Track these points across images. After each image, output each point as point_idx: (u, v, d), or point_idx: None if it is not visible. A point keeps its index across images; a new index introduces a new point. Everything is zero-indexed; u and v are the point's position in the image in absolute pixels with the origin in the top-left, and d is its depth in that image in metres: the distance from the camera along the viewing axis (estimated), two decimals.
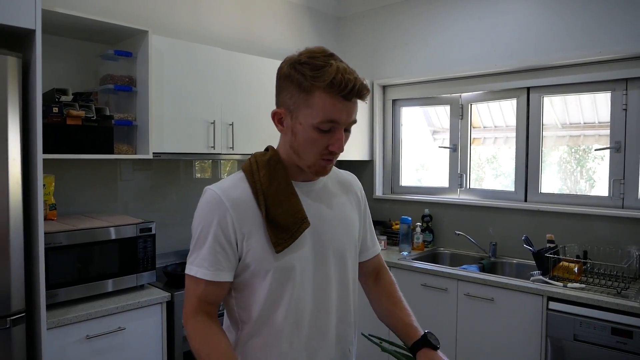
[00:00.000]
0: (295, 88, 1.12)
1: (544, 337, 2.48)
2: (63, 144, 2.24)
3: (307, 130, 1.12)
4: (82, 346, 2.08)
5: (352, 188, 1.38)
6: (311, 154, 1.15)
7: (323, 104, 1.09)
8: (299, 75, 1.10)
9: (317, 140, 1.13)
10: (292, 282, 1.17)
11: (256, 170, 1.20)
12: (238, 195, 1.17)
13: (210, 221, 1.15)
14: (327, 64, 1.09)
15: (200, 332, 1.13)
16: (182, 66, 2.66)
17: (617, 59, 2.79)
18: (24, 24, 1.82)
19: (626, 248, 2.69)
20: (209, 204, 1.17)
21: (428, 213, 3.60)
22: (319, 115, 1.10)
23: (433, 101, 3.78)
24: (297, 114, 1.13)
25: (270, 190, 1.17)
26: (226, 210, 1.14)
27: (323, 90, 1.08)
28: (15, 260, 1.81)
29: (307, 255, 1.20)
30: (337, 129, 1.12)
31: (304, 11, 3.86)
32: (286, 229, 1.15)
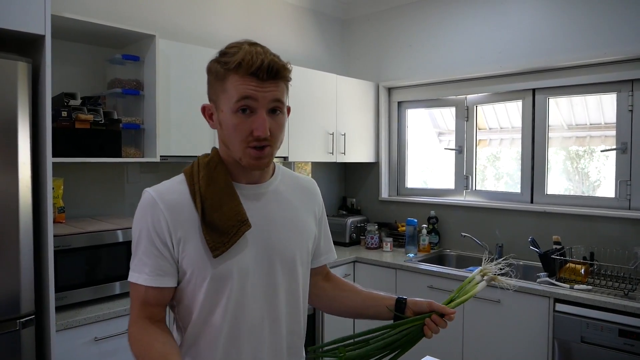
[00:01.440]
0: (214, 79, 1.12)
1: (551, 339, 2.48)
2: (72, 148, 2.26)
3: (229, 116, 1.08)
4: (91, 348, 2.09)
5: (311, 194, 1.31)
6: (237, 142, 1.08)
7: (235, 84, 1.06)
8: (216, 64, 1.11)
9: (239, 125, 1.07)
10: (229, 289, 1.09)
11: (196, 172, 1.14)
12: (175, 197, 1.11)
13: (146, 224, 1.09)
14: (240, 49, 1.08)
15: (137, 337, 1.08)
16: (189, 70, 2.67)
17: (623, 60, 2.79)
18: (33, 29, 1.84)
19: (633, 249, 2.69)
20: (144, 206, 1.10)
21: (434, 215, 3.60)
22: (233, 96, 1.06)
23: (438, 103, 3.78)
24: (219, 103, 1.11)
25: (208, 192, 1.11)
26: (160, 212, 1.08)
27: (234, 72, 1.06)
28: (25, 263, 1.83)
29: (249, 261, 1.11)
30: (257, 109, 1.06)
31: (309, 14, 3.88)
32: (224, 232, 1.08)
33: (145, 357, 1.03)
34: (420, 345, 1.24)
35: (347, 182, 4.21)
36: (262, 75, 1.05)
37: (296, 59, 3.73)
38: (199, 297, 1.10)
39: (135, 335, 1.08)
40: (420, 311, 1.25)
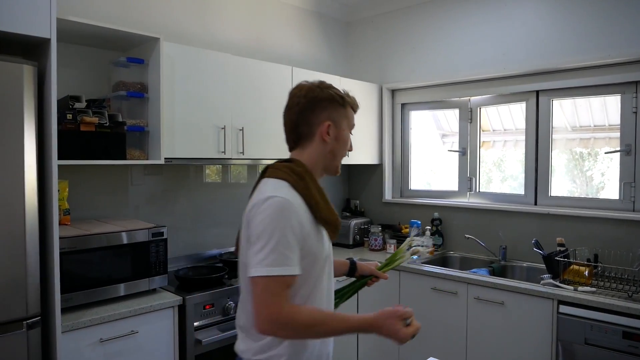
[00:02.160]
0: (339, 106, 1.50)
1: (554, 340, 2.47)
2: (77, 150, 2.27)
3: (346, 134, 1.54)
4: (96, 349, 2.11)
5: None
6: (343, 154, 1.55)
7: (352, 115, 1.56)
8: (340, 98, 1.50)
9: (347, 142, 1.55)
10: (327, 265, 1.46)
11: (298, 180, 1.41)
12: (296, 200, 1.36)
13: (289, 224, 1.31)
14: (347, 94, 1.54)
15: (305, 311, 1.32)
16: (193, 72, 2.69)
17: (627, 61, 2.79)
18: (39, 33, 1.86)
19: (637, 251, 2.68)
20: (282, 208, 1.31)
21: (437, 217, 3.60)
22: (352, 121, 1.56)
23: (442, 105, 3.78)
24: (341, 124, 1.51)
25: (317, 197, 1.41)
26: (295, 212, 1.33)
27: (350, 106, 1.54)
28: (31, 265, 1.85)
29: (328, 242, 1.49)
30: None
31: (312, 16, 3.89)
32: (332, 223, 1.44)
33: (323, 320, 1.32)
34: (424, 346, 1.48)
35: (351, 183, 4.21)
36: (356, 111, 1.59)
37: (300, 61, 3.74)
38: (312, 273, 1.39)
39: (301, 313, 1.30)
40: (364, 273, 1.78)
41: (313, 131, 1.47)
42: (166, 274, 2.49)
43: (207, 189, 3.24)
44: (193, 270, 2.78)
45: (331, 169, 1.53)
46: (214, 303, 2.50)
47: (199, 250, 3.16)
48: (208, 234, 3.22)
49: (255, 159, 3.03)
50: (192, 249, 3.12)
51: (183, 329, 2.39)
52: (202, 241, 3.19)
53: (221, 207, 3.30)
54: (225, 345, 2.52)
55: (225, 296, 2.55)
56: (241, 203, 3.49)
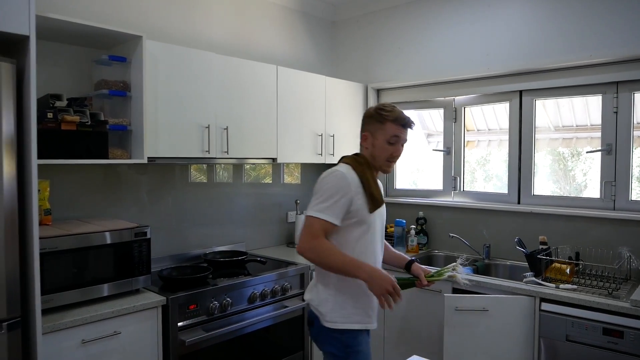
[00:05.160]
0: (375, 121, 2.01)
1: (536, 337, 2.50)
2: (58, 149, 2.24)
3: (382, 143, 1.98)
4: (78, 351, 2.08)
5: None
6: (383, 158, 2.00)
7: (391, 128, 1.97)
8: (378, 115, 2.01)
9: (387, 149, 1.98)
10: (372, 229, 1.97)
11: (357, 165, 1.96)
12: (352, 176, 1.92)
13: (340, 187, 1.87)
14: (394, 109, 2.01)
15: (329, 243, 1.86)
16: (177, 71, 2.67)
17: (608, 62, 2.83)
18: (17, 30, 1.83)
19: (617, 249, 2.72)
20: (342, 178, 1.89)
21: (422, 216, 3.62)
22: (389, 133, 1.97)
23: (427, 104, 3.80)
24: (376, 135, 2.00)
25: (368, 179, 1.95)
26: (351, 184, 1.89)
27: (391, 121, 1.98)
28: (11, 266, 1.82)
29: (379, 219, 2.02)
30: (398, 143, 1.99)
31: (298, 16, 3.89)
32: (376, 200, 1.95)
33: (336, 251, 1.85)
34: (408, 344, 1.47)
35: None
36: (405, 126, 2.00)
37: (285, 60, 3.74)
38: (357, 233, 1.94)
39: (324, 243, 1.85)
40: (414, 273, 2.12)
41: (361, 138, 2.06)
42: (150, 274, 2.47)
43: (192, 188, 3.22)
44: (177, 270, 2.76)
45: (377, 167, 2.02)
46: (198, 303, 2.49)
47: (183, 250, 3.14)
48: (192, 233, 3.21)
49: (240, 158, 3.02)
50: (176, 249, 3.11)
51: (167, 329, 2.37)
52: (186, 241, 3.17)
53: (206, 206, 3.28)
54: (210, 345, 2.51)
55: (210, 296, 2.54)
56: (226, 202, 3.50)
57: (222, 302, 2.57)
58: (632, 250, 2.69)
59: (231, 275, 2.79)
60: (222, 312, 2.58)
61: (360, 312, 1.97)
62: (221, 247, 3.34)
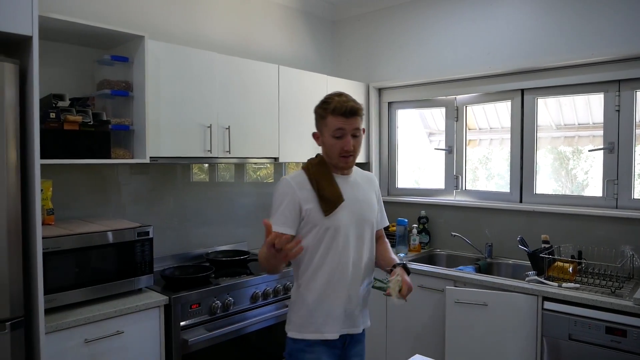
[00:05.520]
0: (319, 117, 1.88)
1: (539, 336, 2.50)
2: (60, 149, 2.25)
3: (329, 139, 1.83)
4: (81, 350, 2.09)
5: (372, 182, 2.04)
6: (334, 154, 1.83)
7: (332, 121, 1.81)
8: (320, 109, 1.86)
9: (335, 145, 1.82)
10: (331, 235, 1.81)
11: (310, 167, 1.87)
12: (300, 182, 1.83)
13: (286, 195, 1.80)
14: (332, 99, 1.83)
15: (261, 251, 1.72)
16: (178, 71, 2.67)
17: (610, 60, 2.82)
18: (20, 30, 1.83)
19: (620, 248, 2.72)
20: (285, 185, 1.82)
21: (424, 215, 3.62)
22: (331, 127, 1.81)
23: (428, 103, 3.80)
24: (323, 132, 1.86)
25: (320, 178, 1.83)
26: (295, 189, 1.81)
27: (331, 113, 1.81)
28: (14, 265, 1.82)
29: (346, 220, 1.84)
30: (345, 135, 1.80)
31: (299, 15, 3.89)
32: (330, 201, 1.81)
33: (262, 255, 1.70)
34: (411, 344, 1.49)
35: None
36: (347, 115, 1.80)
37: (286, 59, 3.74)
38: (314, 239, 1.82)
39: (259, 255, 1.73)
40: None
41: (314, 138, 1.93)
42: (152, 273, 2.47)
43: (194, 188, 3.22)
44: (179, 270, 2.77)
45: (334, 164, 1.88)
46: (200, 302, 2.49)
47: (185, 250, 3.14)
48: (194, 233, 3.21)
49: (242, 157, 3.02)
50: (179, 249, 3.11)
51: (169, 328, 2.38)
52: (188, 240, 3.17)
53: (208, 206, 3.28)
54: (212, 344, 2.51)
55: (212, 295, 2.54)
56: (228, 202, 3.50)
57: (225, 301, 2.58)
58: (635, 248, 2.69)
59: (233, 275, 2.79)
60: (224, 312, 2.58)
61: (314, 322, 1.85)
62: (223, 247, 3.34)
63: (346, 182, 1.89)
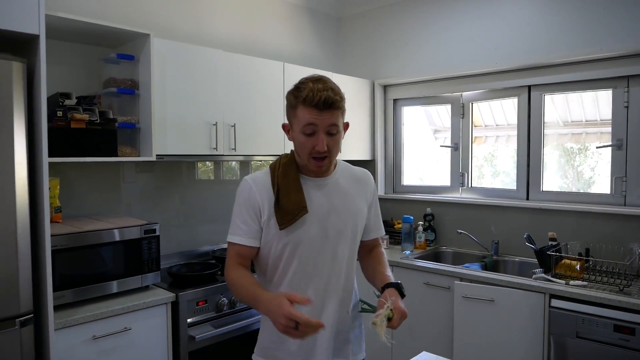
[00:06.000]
0: (289, 107, 1.50)
1: (546, 334, 2.49)
2: (67, 147, 2.26)
3: (298, 135, 1.47)
4: (89, 346, 2.10)
5: (363, 183, 1.68)
6: (304, 154, 1.47)
7: (302, 114, 1.43)
8: (291, 96, 1.48)
9: (305, 143, 1.45)
10: (289, 253, 1.51)
11: (277, 167, 1.54)
12: (263, 184, 1.53)
13: (245, 200, 1.53)
14: (306, 86, 1.43)
15: (236, 274, 1.49)
16: (184, 68, 2.68)
17: (619, 56, 2.80)
18: (28, 29, 1.84)
19: (628, 245, 2.70)
20: (243, 189, 1.55)
21: (430, 212, 3.61)
22: (301, 122, 1.44)
23: (434, 100, 3.79)
24: (292, 124, 1.49)
25: (282, 183, 1.50)
26: (255, 193, 1.51)
27: (301, 103, 1.43)
28: (23, 263, 1.83)
29: (310, 234, 1.51)
30: (318, 132, 1.43)
31: (304, 12, 3.88)
32: (289, 212, 1.47)
33: (240, 285, 1.47)
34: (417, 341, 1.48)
35: None
36: (322, 108, 1.41)
37: (291, 56, 3.73)
38: (271, 255, 1.53)
39: (232, 274, 1.50)
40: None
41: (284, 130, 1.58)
42: (159, 270, 2.48)
43: (200, 185, 3.23)
44: (186, 267, 2.78)
45: (305, 166, 1.52)
46: (207, 299, 2.50)
47: (191, 247, 3.15)
48: (200, 230, 3.22)
49: (247, 155, 3.02)
50: (185, 246, 3.12)
51: (176, 325, 2.39)
52: (194, 238, 3.18)
53: (213, 203, 3.29)
54: (219, 341, 2.52)
55: (219, 292, 2.55)
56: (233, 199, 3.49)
57: (231, 298, 2.58)
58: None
59: None
60: (230, 309, 2.59)
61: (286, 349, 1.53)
62: None
63: (319, 187, 1.55)
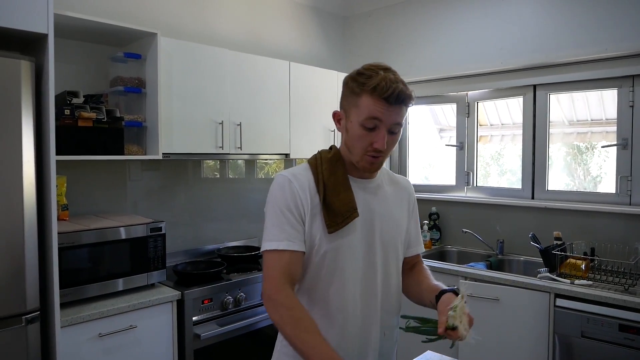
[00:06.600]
0: (349, 93, 1.31)
1: (551, 334, 2.49)
2: (75, 146, 2.28)
3: (356, 127, 1.28)
4: (95, 344, 2.12)
5: (405, 191, 1.51)
6: (359, 150, 1.30)
7: (367, 104, 1.25)
8: (353, 82, 1.30)
9: (363, 137, 1.28)
10: (337, 262, 1.31)
11: (320, 163, 1.36)
12: (304, 180, 1.33)
13: (285, 200, 1.29)
14: (377, 73, 1.27)
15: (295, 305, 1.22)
16: (191, 67, 2.69)
17: (624, 55, 2.79)
18: (36, 28, 1.85)
19: (633, 245, 2.69)
20: (282, 185, 1.31)
21: (435, 211, 3.61)
22: (364, 113, 1.26)
23: (439, 99, 3.78)
24: (350, 114, 1.31)
25: (330, 181, 1.33)
26: (296, 190, 1.30)
27: (369, 93, 1.25)
28: (30, 260, 1.85)
29: (356, 242, 1.34)
30: (380, 127, 1.26)
31: (310, 11, 3.88)
32: (339, 214, 1.30)
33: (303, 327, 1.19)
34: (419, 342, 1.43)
35: None
36: (391, 101, 1.24)
37: (297, 56, 3.74)
38: (312, 263, 1.32)
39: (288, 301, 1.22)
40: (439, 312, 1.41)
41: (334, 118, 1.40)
42: (164, 268, 2.49)
43: (205, 184, 3.24)
44: (191, 265, 2.79)
45: (354, 163, 1.34)
46: (212, 298, 2.51)
47: (197, 245, 3.17)
48: (206, 229, 3.23)
49: (253, 154, 3.03)
50: (191, 244, 3.13)
51: (182, 323, 2.40)
52: (200, 236, 3.20)
53: (219, 202, 3.30)
54: (224, 339, 2.53)
55: (224, 291, 2.56)
56: (239, 198, 3.52)
57: (236, 296, 2.59)
58: None
59: (245, 270, 2.81)
60: (236, 307, 2.60)
61: None
62: (234, 242, 3.36)
63: (365, 189, 1.39)
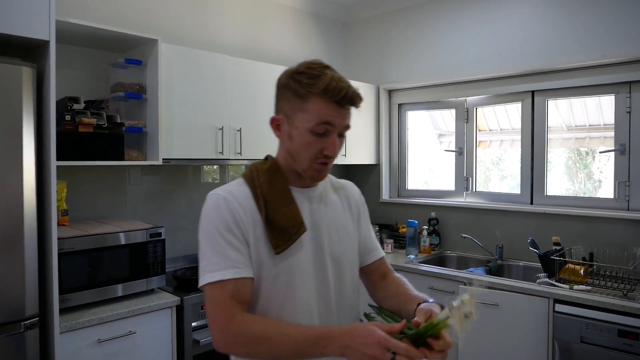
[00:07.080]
0: (292, 95, 1.18)
1: (550, 339, 2.49)
2: (75, 151, 2.28)
3: (303, 134, 1.17)
4: (94, 350, 2.11)
5: (347, 194, 1.39)
6: (306, 158, 1.18)
7: (318, 108, 1.14)
8: (296, 83, 1.17)
9: (312, 144, 1.17)
10: (287, 284, 1.18)
11: (256, 177, 1.22)
12: (240, 196, 1.19)
13: (223, 221, 1.15)
14: (322, 73, 1.16)
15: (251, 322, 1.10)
16: (191, 73, 2.70)
17: (621, 62, 2.81)
18: (38, 35, 1.87)
19: (632, 250, 2.69)
20: (217, 206, 1.17)
21: (434, 216, 3.62)
22: (314, 118, 1.15)
23: (439, 105, 3.80)
24: (294, 119, 1.18)
25: (270, 195, 1.19)
26: (234, 208, 1.16)
27: (318, 95, 1.14)
28: (29, 266, 1.85)
29: (305, 260, 1.21)
30: (331, 132, 1.17)
31: (310, 17, 3.90)
32: (285, 231, 1.17)
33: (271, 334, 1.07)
34: None
35: None
36: (343, 104, 1.16)
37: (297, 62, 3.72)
38: (262, 289, 1.17)
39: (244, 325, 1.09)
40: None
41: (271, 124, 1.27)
42: (164, 274, 2.49)
43: (205, 189, 3.24)
44: (191, 271, 2.79)
45: (300, 172, 1.22)
46: None
47: (196, 251, 3.15)
48: None
49: (253, 159, 3.04)
50: (190, 250, 3.13)
51: (181, 329, 2.40)
52: None
53: None
54: None
55: None
56: None
57: None
58: None
59: None
60: None
61: None
62: None
63: (310, 199, 1.27)
